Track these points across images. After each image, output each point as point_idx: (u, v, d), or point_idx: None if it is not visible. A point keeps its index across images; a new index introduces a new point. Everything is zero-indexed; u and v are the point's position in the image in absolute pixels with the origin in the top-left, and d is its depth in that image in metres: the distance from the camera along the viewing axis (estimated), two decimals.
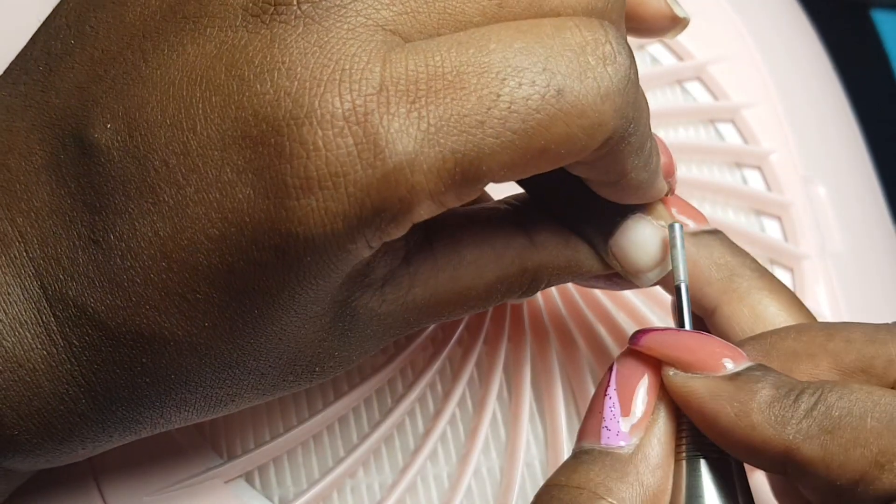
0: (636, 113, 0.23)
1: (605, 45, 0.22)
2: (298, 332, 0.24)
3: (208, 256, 0.22)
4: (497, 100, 0.21)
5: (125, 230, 0.23)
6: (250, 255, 0.22)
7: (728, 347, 0.25)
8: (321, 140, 0.21)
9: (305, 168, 0.21)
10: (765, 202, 0.39)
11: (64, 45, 0.25)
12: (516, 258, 0.27)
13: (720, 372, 0.24)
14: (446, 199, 0.22)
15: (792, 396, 0.23)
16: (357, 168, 0.21)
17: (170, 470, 0.31)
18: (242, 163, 0.22)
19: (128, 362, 0.24)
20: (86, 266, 0.23)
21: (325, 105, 0.21)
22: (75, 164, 0.24)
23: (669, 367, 0.25)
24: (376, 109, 0.21)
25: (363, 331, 0.26)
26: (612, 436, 0.25)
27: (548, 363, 0.34)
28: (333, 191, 0.21)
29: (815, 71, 0.46)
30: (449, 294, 0.26)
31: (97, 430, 0.25)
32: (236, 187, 0.22)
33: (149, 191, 0.23)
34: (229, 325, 0.23)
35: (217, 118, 0.22)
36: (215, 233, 0.22)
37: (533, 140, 0.22)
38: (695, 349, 0.25)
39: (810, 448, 0.23)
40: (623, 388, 0.25)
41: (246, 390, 0.26)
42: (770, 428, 0.23)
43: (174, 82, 0.23)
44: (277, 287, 0.23)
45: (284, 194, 0.21)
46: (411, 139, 0.21)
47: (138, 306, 0.23)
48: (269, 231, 0.22)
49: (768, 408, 0.23)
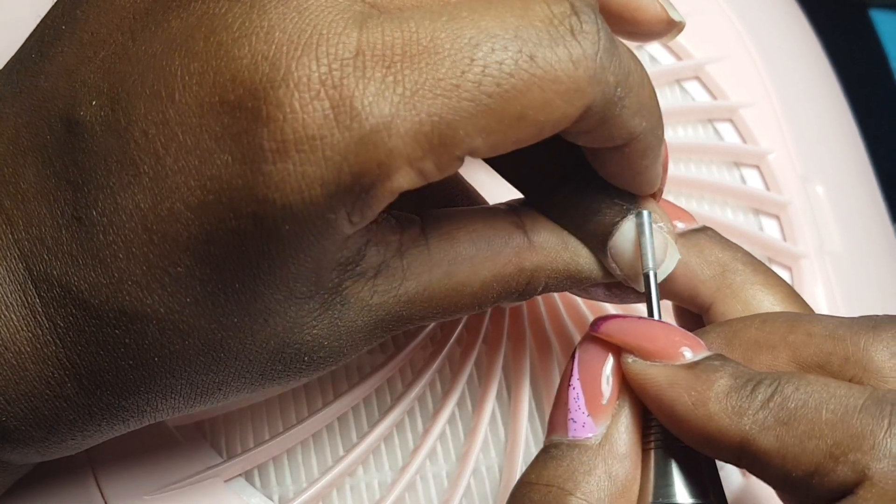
0: (620, 77, 0.23)
1: (571, 17, 0.23)
2: (285, 315, 0.24)
3: (188, 227, 0.22)
4: (471, 63, 0.22)
5: (107, 205, 0.23)
6: (229, 224, 0.22)
7: (687, 336, 0.25)
8: (297, 103, 0.21)
9: (282, 131, 0.21)
10: (763, 201, 0.39)
11: (55, 32, 0.25)
12: (513, 257, 0.27)
13: (678, 360, 0.24)
14: (425, 166, 0.22)
15: (749, 387, 0.23)
16: (334, 131, 0.21)
17: (170, 468, 0.31)
18: (220, 129, 0.22)
19: (111, 343, 0.24)
20: (69, 244, 0.23)
21: (301, 68, 0.21)
22: (61, 143, 0.24)
23: (629, 354, 0.25)
24: (352, 73, 0.21)
25: (353, 321, 0.25)
26: (579, 427, 0.25)
27: (547, 362, 0.35)
28: (310, 154, 0.21)
29: (814, 70, 0.46)
30: (442, 290, 0.26)
31: (84, 416, 0.25)
32: (214, 154, 0.22)
33: (129, 163, 0.23)
34: (211, 301, 0.23)
35: (195, 85, 0.22)
36: (194, 201, 0.22)
37: (509, 104, 0.22)
38: (654, 337, 0.25)
39: (766, 439, 0.23)
40: (586, 377, 0.25)
41: (232, 378, 0.25)
42: (726, 418, 0.23)
43: (155, 54, 0.23)
44: (258, 258, 0.22)
45: (261, 158, 0.21)
46: (387, 102, 0.21)
47: (120, 283, 0.23)
48: (247, 197, 0.22)
49: (725, 397, 0.23)
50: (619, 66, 0.23)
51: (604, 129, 0.24)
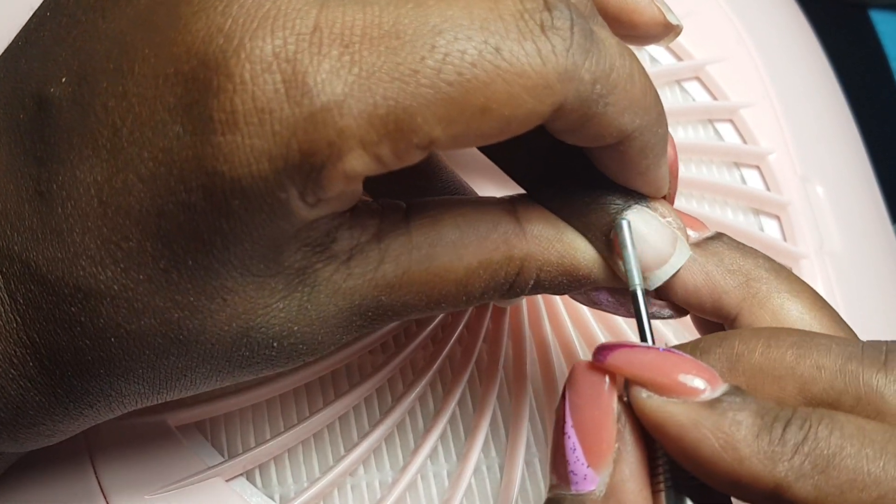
0: (598, 74, 0.23)
1: (542, 12, 0.22)
2: (245, 295, 0.24)
3: (140, 199, 0.22)
4: (432, 50, 0.21)
5: (66, 178, 0.23)
6: (179, 197, 0.22)
7: (704, 369, 0.23)
8: (248, 74, 0.21)
9: (231, 102, 0.21)
10: (763, 201, 0.39)
11: (40, 19, 0.25)
12: (501, 243, 0.26)
13: (697, 396, 0.22)
14: (381, 151, 0.22)
15: (779, 428, 0.22)
16: (284, 106, 0.21)
17: (171, 468, 0.31)
18: (174, 100, 0.22)
19: (67, 321, 0.24)
20: (30, 219, 0.23)
21: (255, 41, 0.21)
22: (32, 121, 0.24)
23: (640, 388, 0.23)
24: (307, 49, 0.21)
25: (326, 306, 0.25)
26: (580, 480, 0.23)
27: (547, 362, 0.35)
28: (259, 127, 0.21)
29: (814, 71, 0.46)
30: (423, 274, 0.25)
31: (50, 398, 0.25)
32: (167, 125, 0.22)
33: (89, 136, 0.23)
34: (165, 279, 0.23)
35: (153, 57, 0.22)
36: (146, 173, 0.22)
37: (471, 95, 0.21)
38: (669, 370, 0.23)
39: (803, 487, 0.21)
40: (580, 421, 0.23)
41: (196, 363, 0.25)
42: (759, 463, 0.22)
43: (122, 30, 0.23)
44: (210, 234, 0.22)
45: (210, 129, 0.21)
46: (341, 81, 0.21)
47: (76, 257, 0.23)
48: (196, 169, 0.22)
49: (755, 440, 0.22)
50: (596, 63, 0.23)
51: (588, 127, 0.23)
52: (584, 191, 0.27)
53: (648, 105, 0.24)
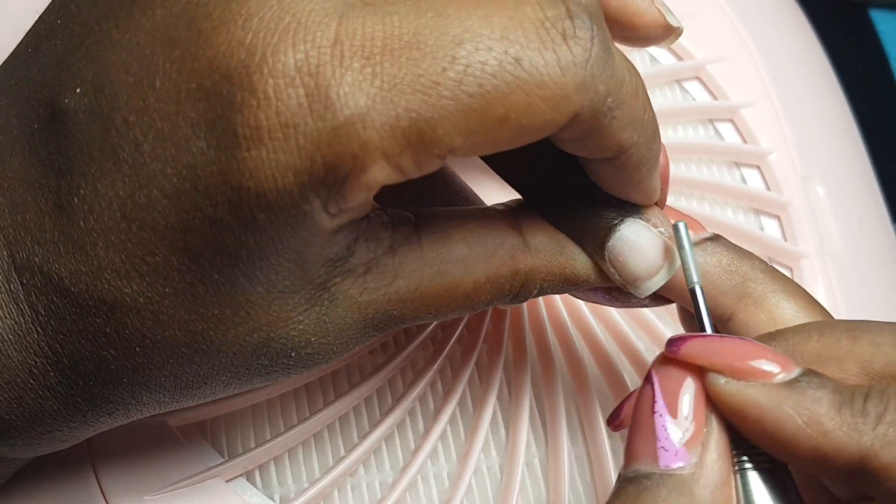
0: (611, 87, 0.23)
1: (565, 21, 0.22)
2: (268, 308, 0.24)
3: (165, 215, 0.22)
4: (453, 62, 0.21)
5: (88, 192, 0.23)
6: (205, 212, 0.22)
7: (775, 353, 0.24)
8: (272, 89, 0.21)
9: (256, 117, 0.21)
10: (764, 201, 0.39)
11: (50, 26, 0.25)
12: (508, 259, 0.27)
13: (772, 379, 0.23)
14: (402, 162, 0.22)
15: (858, 401, 0.22)
16: (307, 119, 0.21)
17: (171, 469, 0.31)
18: (196, 115, 0.22)
19: (91, 332, 0.24)
20: (52, 232, 0.23)
21: (277, 55, 0.21)
22: (47, 131, 0.24)
23: (717, 374, 0.23)
24: (329, 62, 0.21)
25: (342, 319, 0.25)
26: (671, 456, 0.23)
27: (548, 363, 0.35)
28: (283, 142, 0.21)
29: (814, 70, 0.46)
30: (435, 289, 0.26)
31: (69, 407, 0.25)
32: (190, 141, 0.22)
33: (110, 150, 0.23)
34: (190, 292, 0.23)
35: (174, 72, 0.22)
36: (171, 189, 0.22)
37: (490, 106, 0.21)
38: (743, 355, 0.24)
39: (889, 454, 0.22)
40: (672, 402, 0.24)
41: (217, 371, 0.25)
42: (844, 435, 0.22)
43: (140, 43, 0.23)
44: (236, 248, 0.22)
45: (235, 145, 0.21)
46: (364, 94, 0.21)
47: (100, 271, 0.23)
48: (222, 185, 0.22)
49: (838, 414, 0.22)
50: (610, 76, 0.23)
51: (592, 139, 0.24)
52: (581, 202, 0.27)
53: (647, 122, 0.25)
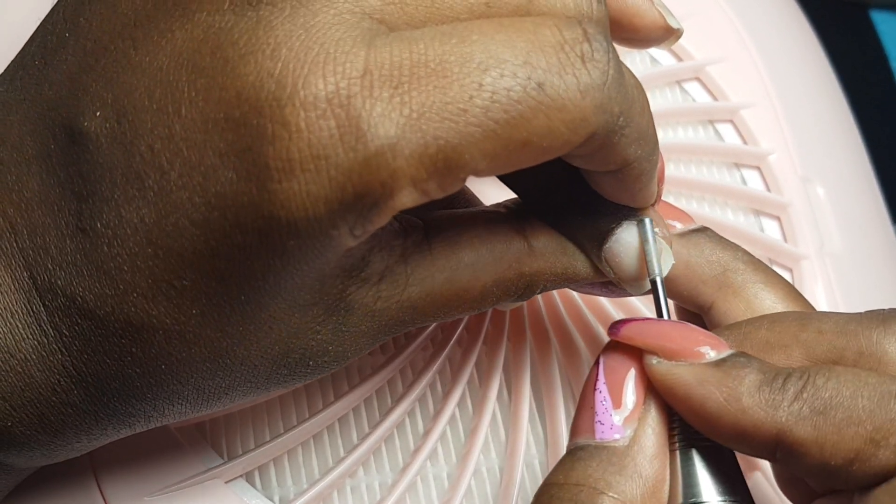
0: (624, 107, 0.23)
1: (583, 43, 0.22)
2: (289, 322, 0.24)
3: (193, 242, 0.22)
4: (479, 89, 0.21)
5: (111, 217, 0.23)
6: (234, 240, 0.22)
7: (709, 335, 0.25)
8: (304, 122, 0.21)
9: (288, 150, 0.21)
10: (764, 202, 0.39)
11: (59, 39, 0.25)
12: (514, 263, 0.27)
13: (703, 359, 0.24)
14: (429, 187, 0.22)
15: (780, 380, 0.24)
16: (339, 151, 0.21)
17: (170, 470, 0.31)
18: (225, 145, 0.22)
19: (117, 352, 0.24)
20: (74, 255, 0.23)
21: (307, 87, 0.21)
22: (65, 153, 0.24)
23: (651, 355, 0.25)
24: (359, 93, 0.21)
25: (357, 326, 0.26)
26: (607, 429, 0.25)
27: (548, 363, 0.35)
28: (315, 174, 0.21)
29: (814, 71, 0.46)
30: (445, 295, 0.27)
31: (90, 422, 0.25)
32: (219, 170, 0.22)
33: (134, 177, 0.23)
34: (217, 313, 0.23)
35: (201, 101, 0.22)
36: (199, 217, 0.22)
37: (515, 131, 0.22)
38: (675, 337, 0.25)
39: (803, 429, 0.23)
40: (612, 380, 0.25)
41: (239, 383, 0.25)
42: (761, 411, 0.23)
43: (162, 68, 0.23)
44: (263, 272, 0.22)
45: (266, 177, 0.21)
46: (393, 124, 0.21)
47: (126, 294, 0.23)
48: (252, 215, 0.22)
49: (757, 391, 0.23)
50: (624, 97, 0.23)
51: (601, 155, 0.24)
52: (579, 205, 0.28)
53: (650, 136, 0.25)
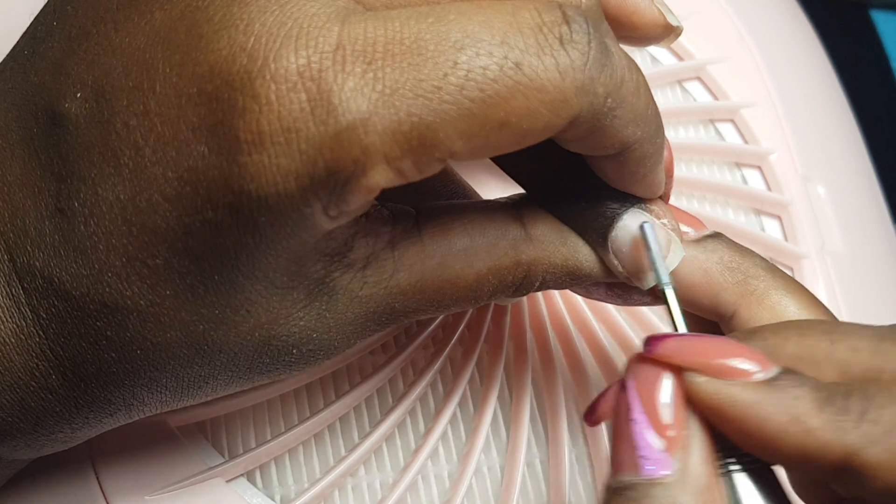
0: (610, 88, 0.23)
1: (562, 25, 0.22)
2: (268, 306, 0.24)
3: (166, 218, 0.22)
4: (455, 67, 0.21)
5: (88, 196, 0.23)
6: (206, 215, 0.22)
7: (754, 352, 0.23)
8: (274, 95, 0.21)
9: (258, 123, 0.21)
10: (764, 202, 0.39)
11: (47, 28, 0.25)
12: (510, 250, 0.26)
13: (751, 377, 0.23)
14: (403, 166, 0.22)
15: (838, 400, 0.22)
16: (309, 124, 0.21)
17: (172, 469, 0.31)
18: (197, 120, 0.22)
19: (93, 335, 0.24)
20: (52, 236, 0.23)
21: (279, 60, 0.21)
22: (46, 136, 0.24)
23: (694, 373, 0.23)
24: (331, 67, 0.21)
25: (343, 313, 0.25)
26: (652, 464, 0.22)
27: (549, 363, 0.35)
28: (285, 147, 0.21)
29: (815, 71, 0.46)
30: (436, 282, 0.26)
31: (71, 408, 0.25)
32: (191, 145, 0.22)
33: (111, 154, 0.23)
34: (191, 293, 0.23)
35: (175, 76, 0.22)
36: (171, 193, 0.22)
37: (491, 110, 0.22)
38: (721, 353, 0.23)
39: (875, 452, 0.22)
40: (649, 406, 0.23)
41: (219, 371, 0.25)
42: (828, 433, 0.22)
43: (140, 47, 0.23)
44: (235, 250, 0.22)
45: (236, 150, 0.21)
46: (366, 99, 0.21)
47: (101, 274, 0.23)
48: (223, 189, 0.22)
49: (820, 412, 0.22)
50: (609, 77, 0.23)
51: (594, 138, 0.24)
52: (583, 194, 0.27)
53: (650, 117, 0.25)
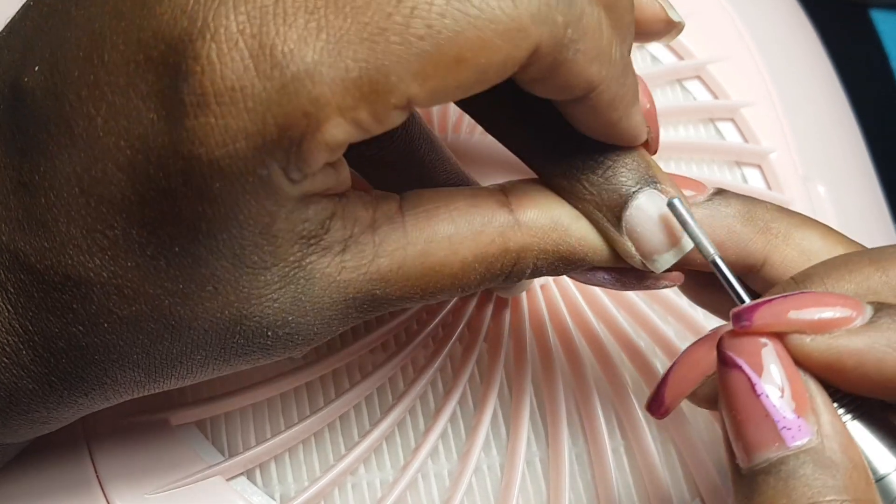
0: (570, 18, 0.22)
1: None
2: (237, 284, 0.23)
3: (121, 188, 0.22)
4: (398, 5, 0.21)
5: (48, 169, 0.23)
6: (159, 184, 0.22)
7: (845, 297, 0.23)
8: (215, 54, 0.21)
9: (201, 84, 0.21)
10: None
11: (24, 9, 0.25)
12: (497, 236, 0.26)
13: (852, 324, 0.23)
14: (360, 116, 0.21)
15: None
16: (254, 81, 0.21)
17: (172, 467, 0.31)
18: (146, 87, 0.22)
19: (59, 308, 0.24)
20: (16, 210, 0.24)
21: (218, 19, 0.21)
22: (11, 111, 0.24)
23: (800, 335, 0.23)
24: (272, 20, 0.21)
25: (320, 298, 0.25)
26: (795, 433, 0.22)
27: (548, 361, 0.35)
28: (231, 106, 0.21)
29: (815, 70, 0.46)
30: (419, 269, 0.25)
31: (45, 386, 0.25)
32: (141, 112, 0.22)
33: (65, 126, 0.23)
34: (153, 265, 0.23)
35: (122, 45, 0.22)
36: (124, 162, 0.22)
37: (443, 46, 0.21)
38: (815, 308, 0.23)
39: None
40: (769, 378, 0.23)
41: (191, 350, 0.25)
42: None
43: (91, 18, 0.23)
44: (194, 219, 0.22)
45: (182, 113, 0.21)
46: (310, 49, 0.21)
47: (63, 246, 0.23)
48: (173, 155, 0.21)
49: None
50: (568, 6, 0.22)
51: (558, 76, 0.23)
52: (593, 171, 0.26)
53: (615, 56, 0.24)
